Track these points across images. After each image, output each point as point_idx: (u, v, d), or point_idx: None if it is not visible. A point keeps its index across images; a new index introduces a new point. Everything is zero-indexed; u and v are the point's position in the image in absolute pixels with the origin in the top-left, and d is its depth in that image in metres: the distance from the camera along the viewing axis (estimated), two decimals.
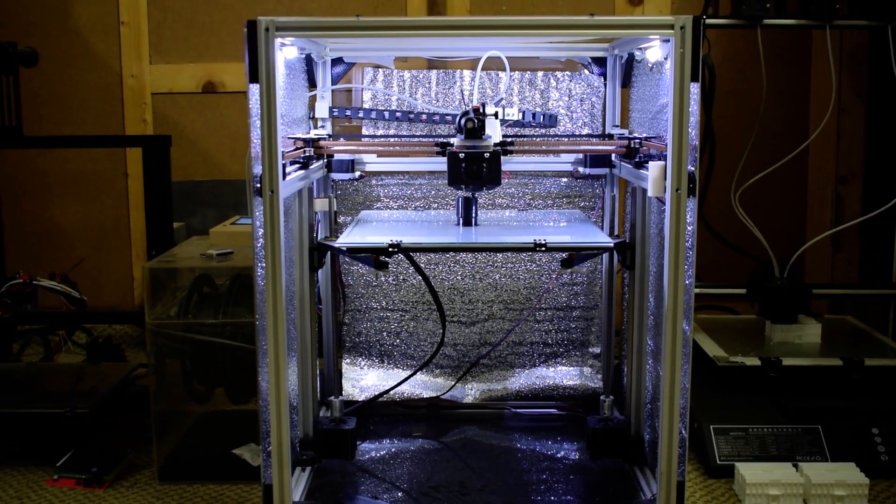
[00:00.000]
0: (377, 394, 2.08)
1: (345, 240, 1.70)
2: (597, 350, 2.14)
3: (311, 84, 1.92)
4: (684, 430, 1.48)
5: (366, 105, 2.05)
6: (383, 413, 2.09)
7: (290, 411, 1.59)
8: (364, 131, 2.06)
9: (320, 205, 1.89)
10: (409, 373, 2.10)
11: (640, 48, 1.77)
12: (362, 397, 2.09)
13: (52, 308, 2.37)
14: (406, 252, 1.76)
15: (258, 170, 1.42)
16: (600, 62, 1.99)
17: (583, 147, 1.96)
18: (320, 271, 1.94)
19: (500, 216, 1.97)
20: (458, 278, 2.12)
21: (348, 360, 2.14)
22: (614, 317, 2.06)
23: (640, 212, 1.77)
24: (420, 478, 1.77)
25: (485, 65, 1.86)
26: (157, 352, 1.87)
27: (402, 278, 2.11)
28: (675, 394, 1.47)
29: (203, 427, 1.98)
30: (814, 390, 1.98)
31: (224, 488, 1.79)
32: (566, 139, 2.03)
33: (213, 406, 1.95)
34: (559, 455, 1.87)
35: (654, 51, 1.64)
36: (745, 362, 2.03)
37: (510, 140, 1.74)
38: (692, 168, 1.42)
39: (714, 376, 2.03)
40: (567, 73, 2.05)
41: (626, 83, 1.94)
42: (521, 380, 2.14)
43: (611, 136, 1.94)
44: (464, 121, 1.65)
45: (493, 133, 1.68)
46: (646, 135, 1.72)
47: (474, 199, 1.76)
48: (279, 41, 1.42)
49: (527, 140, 1.99)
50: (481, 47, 1.85)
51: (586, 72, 2.04)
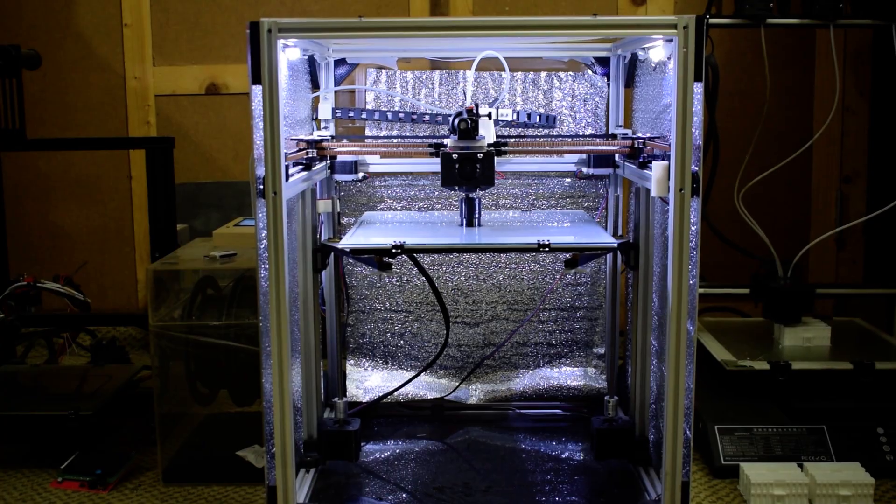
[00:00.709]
0: (381, 395, 2.08)
1: (348, 241, 1.70)
2: (601, 350, 2.14)
3: (315, 85, 1.92)
4: (689, 431, 1.47)
5: (369, 106, 2.05)
6: (387, 414, 2.09)
7: (294, 413, 1.59)
8: (367, 132, 2.05)
9: (323, 206, 1.89)
10: (413, 374, 2.10)
11: (643, 48, 1.77)
12: (366, 398, 2.09)
13: (56, 310, 2.37)
14: (410, 253, 1.76)
15: (261, 171, 1.42)
16: (603, 62, 1.99)
17: (586, 147, 1.96)
18: (324, 273, 1.93)
19: (504, 217, 1.97)
20: (462, 279, 2.11)
21: (352, 362, 2.14)
22: (618, 317, 2.05)
23: (644, 212, 1.76)
24: (424, 479, 1.76)
25: (488, 65, 1.85)
26: (160, 354, 1.87)
27: (405, 279, 2.11)
28: (680, 394, 1.47)
29: (207, 429, 1.98)
30: (822, 393, 1.97)
31: (228, 490, 1.79)
32: (569, 139, 2.02)
33: (217, 408, 1.95)
34: (564, 456, 1.87)
35: (658, 51, 1.64)
36: (753, 366, 2.00)
37: (504, 141, 1.73)
38: (696, 168, 1.42)
39: (722, 380, 2.01)
40: (570, 73, 2.05)
41: (629, 83, 1.93)
42: (526, 380, 2.14)
43: (614, 137, 1.94)
44: (457, 121, 1.65)
45: (487, 134, 1.67)
46: (649, 135, 1.72)
47: (477, 200, 1.76)
48: (282, 42, 1.42)
49: (529, 140, 1.98)
50: (484, 48, 1.84)
51: (589, 72, 2.03)
